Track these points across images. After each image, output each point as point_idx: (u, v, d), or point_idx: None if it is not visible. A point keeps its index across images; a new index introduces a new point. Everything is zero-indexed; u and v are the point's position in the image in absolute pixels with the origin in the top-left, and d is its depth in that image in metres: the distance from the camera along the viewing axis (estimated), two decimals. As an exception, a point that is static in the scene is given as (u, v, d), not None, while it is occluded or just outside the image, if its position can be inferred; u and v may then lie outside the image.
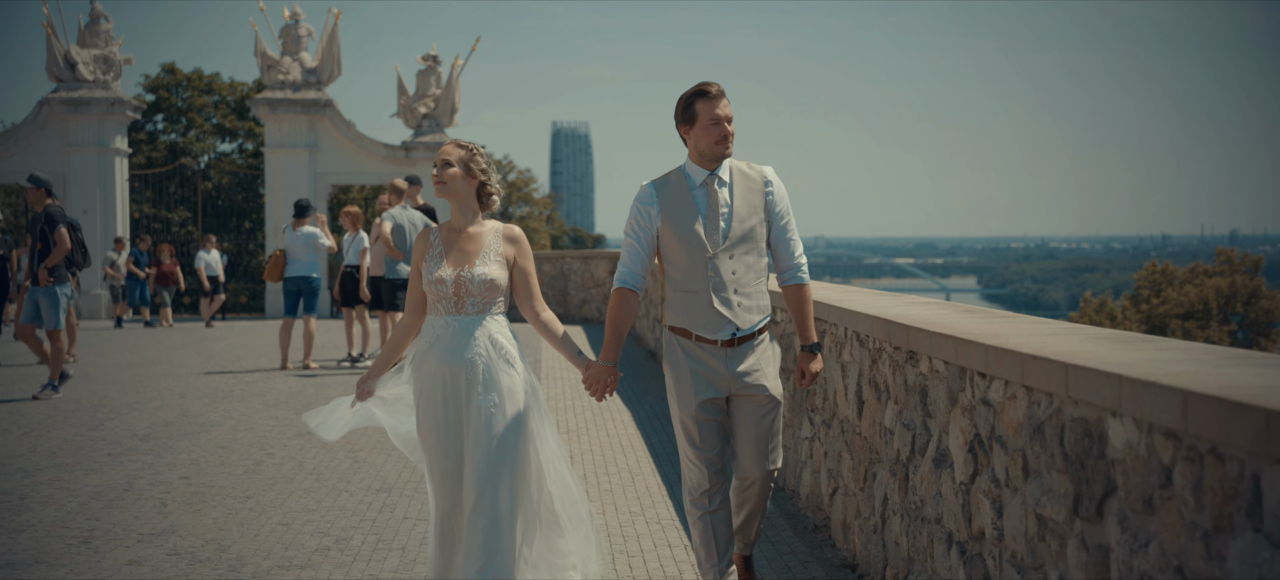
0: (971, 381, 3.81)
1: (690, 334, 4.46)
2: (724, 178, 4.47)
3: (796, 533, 6.00)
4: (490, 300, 4.40)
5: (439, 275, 4.37)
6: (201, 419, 9.69)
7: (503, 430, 4.33)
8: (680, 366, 4.49)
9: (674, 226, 4.42)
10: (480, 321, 4.39)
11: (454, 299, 4.38)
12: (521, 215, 52.83)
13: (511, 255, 4.47)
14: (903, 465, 4.60)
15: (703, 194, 4.45)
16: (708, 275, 4.41)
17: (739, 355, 4.45)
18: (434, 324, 4.44)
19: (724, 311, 4.41)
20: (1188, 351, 3.11)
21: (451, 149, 4.47)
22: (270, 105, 24.03)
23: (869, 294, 6.32)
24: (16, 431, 9.08)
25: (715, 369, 4.45)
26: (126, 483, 7.22)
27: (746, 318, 4.43)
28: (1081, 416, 2.99)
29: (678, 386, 4.52)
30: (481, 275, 4.38)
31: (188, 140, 40.63)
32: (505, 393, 4.35)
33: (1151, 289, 50.59)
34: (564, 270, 21.55)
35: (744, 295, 4.43)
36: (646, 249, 4.48)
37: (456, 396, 4.36)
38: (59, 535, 5.99)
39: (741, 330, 4.43)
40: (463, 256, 4.41)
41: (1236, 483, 2.31)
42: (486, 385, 4.34)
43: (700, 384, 4.46)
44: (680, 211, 4.43)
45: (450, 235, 4.46)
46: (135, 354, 15.32)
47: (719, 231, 4.41)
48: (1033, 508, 3.30)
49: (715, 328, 4.41)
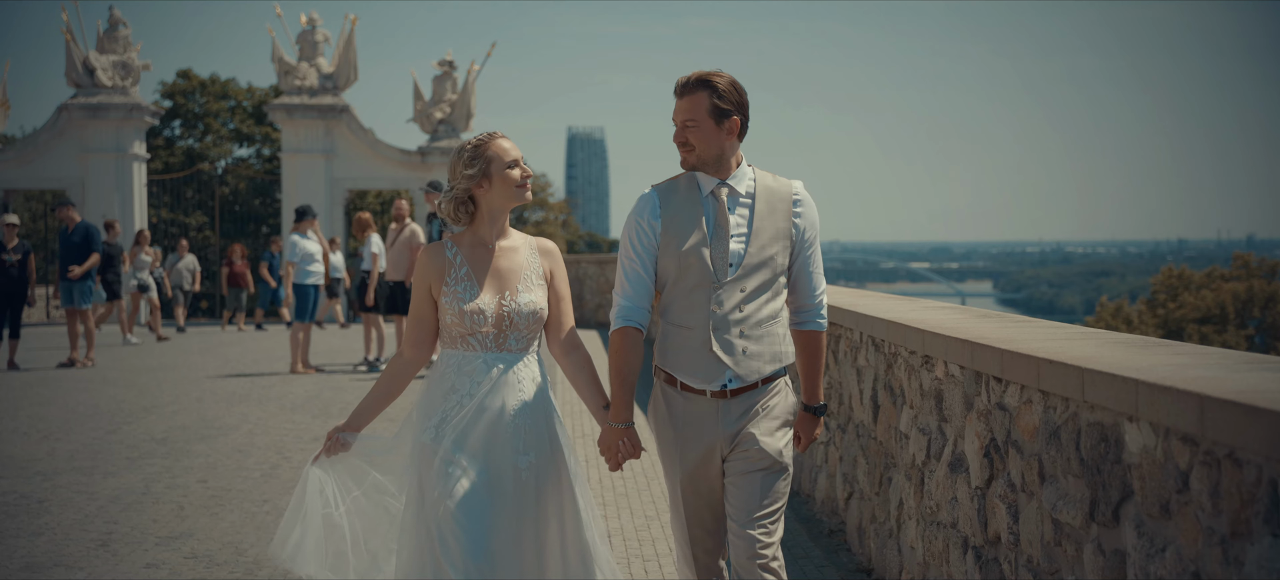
0: (987, 386, 3.80)
1: (676, 382, 3.59)
2: (742, 190, 3.59)
3: (812, 537, 6.00)
4: (534, 334, 3.63)
5: (476, 306, 3.54)
6: (218, 423, 9.73)
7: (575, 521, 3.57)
8: (665, 426, 3.64)
9: (675, 244, 3.55)
10: (522, 362, 3.61)
11: (494, 334, 3.57)
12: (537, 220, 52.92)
13: (549, 274, 3.70)
14: (918, 470, 4.60)
15: (712, 207, 3.57)
16: (708, 309, 3.53)
17: (735, 408, 3.56)
18: (464, 365, 3.58)
19: (723, 356, 3.52)
20: (1205, 356, 3.10)
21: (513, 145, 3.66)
22: (287, 111, 24.12)
23: (884, 298, 6.31)
24: (36, 435, 9.14)
25: (707, 427, 3.57)
26: (144, 486, 7.26)
27: (750, 367, 3.54)
28: (1098, 421, 2.99)
29: (663, 451, 3.68)
30: (530, 305, 3.59)
31: (205, 146, 40.81)
32: (550, 454, 3.60)
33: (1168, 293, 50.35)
34: (579, 275, 21.66)
35: (751, 339, 3.55)
36: (651, 274, 3.59)
37: (499, 465, 3.53)
38: (78, 538, 6.03)
39: (741, 381, 3.54)
40: (500, 280, 3.60)
41: (1254, 487, 2.30)
42: (533, 445, 3.57)
43: (690, 450, 3.59)
44: (683, 226, 3.56)
45: (478, 252, 3.62)
46: (152, 358, 15.39)
47: (728, 256, 3.54)
48: (1049, 512, 3.29)
49: (708, 376, 3.53)
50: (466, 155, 3.60)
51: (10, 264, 13.88)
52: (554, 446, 3.59)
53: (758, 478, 3.54)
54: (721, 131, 3.52)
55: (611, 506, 6.65)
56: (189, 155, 39.30)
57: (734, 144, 3.58)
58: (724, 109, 3.52)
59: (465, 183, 3.59)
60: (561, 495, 3.58)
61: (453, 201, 3.61)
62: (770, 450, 3.55)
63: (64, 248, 14.57)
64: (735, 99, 3.54)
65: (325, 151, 24.18)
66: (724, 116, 3.52)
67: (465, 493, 3.45)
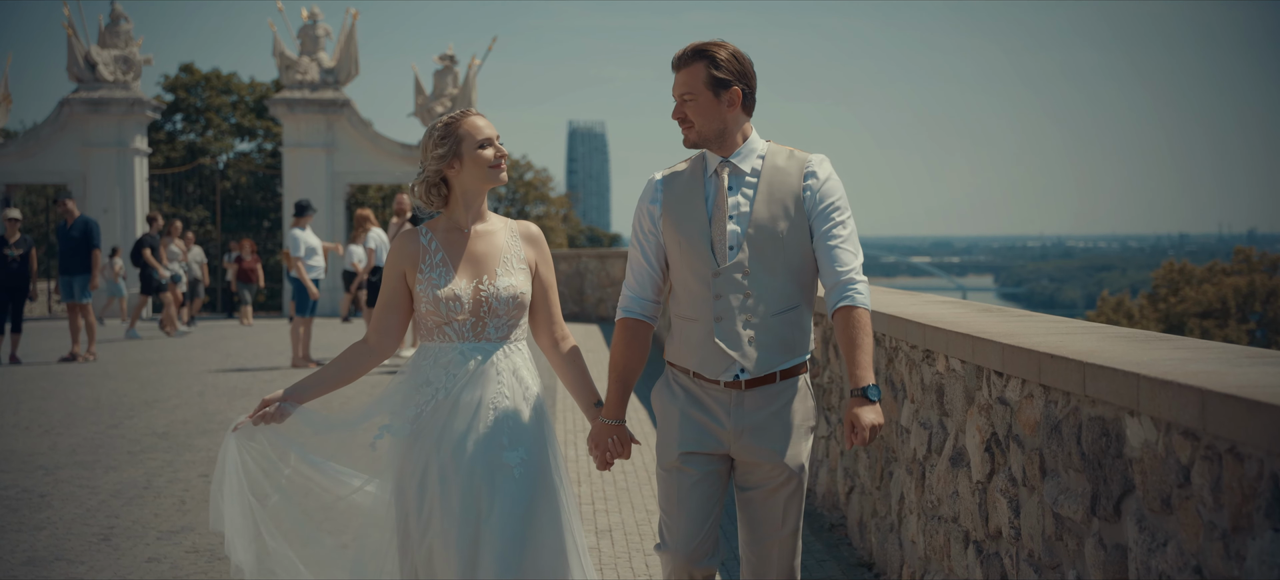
0: (988, 380, 3.80)
1: (689, 370, 3.37)
2: (746, 167, 3.35)
3: (813, 531, 6.00)
4: (516, 322, 3.40)
5: (450, 291, 3.33)
6: (220, 417, 9.74)
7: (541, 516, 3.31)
8: (669, 403, 3.41)
9: (676, 230, 3.35)
10: (502, 351, 3.38)
11: (471, 322, 3.35)
12: (538, 214, 52.93)
13: (533, 261, 3.47)
14: (919, 464, 4.60)
15: (713, 187, 3.35)
16: (710, 299, 3.30)
17: (751, 404, 3.31)
18: (439, 357, 3.36)
19: (728, 349, 3.28)
20: (1206, 350, 3.10)
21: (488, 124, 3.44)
22: (288, 105, 24.13)
23: (885, 292, 6.31)
24: (38, 429, 9.15)
25: (715, 416, 3.33)
26: (146, 480, 7.27)
27: (760, 359, 3.29)
28: (1099, 415, 2.99)
29: (663, 427, 3.43)
30: (509, 289, 3.37)
31: (206, 140, 40.84)
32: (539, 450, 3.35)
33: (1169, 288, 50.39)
34: (580, 269, 21.67)
35: (760, 328, 3.29)
36: (655, 263, 3.40)
37: (470, 464, 3.28)
38: (79, 532, 6.04)
39: (753, 373, 3.30)
40: (477, 264, 3.38)
41: (1255, 482, 2.30)
42: (521, 440, 3.32)
43: (690, 429, 3.35)
44: (684, 211, 3.35)
45: (453, 236, 3.41)
46: (154, 352, 15.41)
47: (727, 238, 3.30)
48: (1050, 507, 3.29)
49: (718, 367, 3.30)
50: (437, 134, 3.39)
51: (12, 259, 13.89)
52: (542, 442, 3.36)
53: (779, 497, 3.33)
54: (721, 104, 3.29)
55: (613, 501, 6.65)
56: (190, 150, 39.31)
57: (738, 117, 3.33)
58: (723, 79, 3.29)
59: (436, 163, 3.38)
60: (548, 495, 3.33)
61: (423, 183, 3.42)
62: (793, 465, 3.32)
63: (63, 243, 14.57)
64: (736, 68, 3.31)
65: (326, 146, 24.19)
66: (723, 88, 3.29)
67: (443, 501, 3.24)
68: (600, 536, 5.85)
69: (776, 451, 3.30)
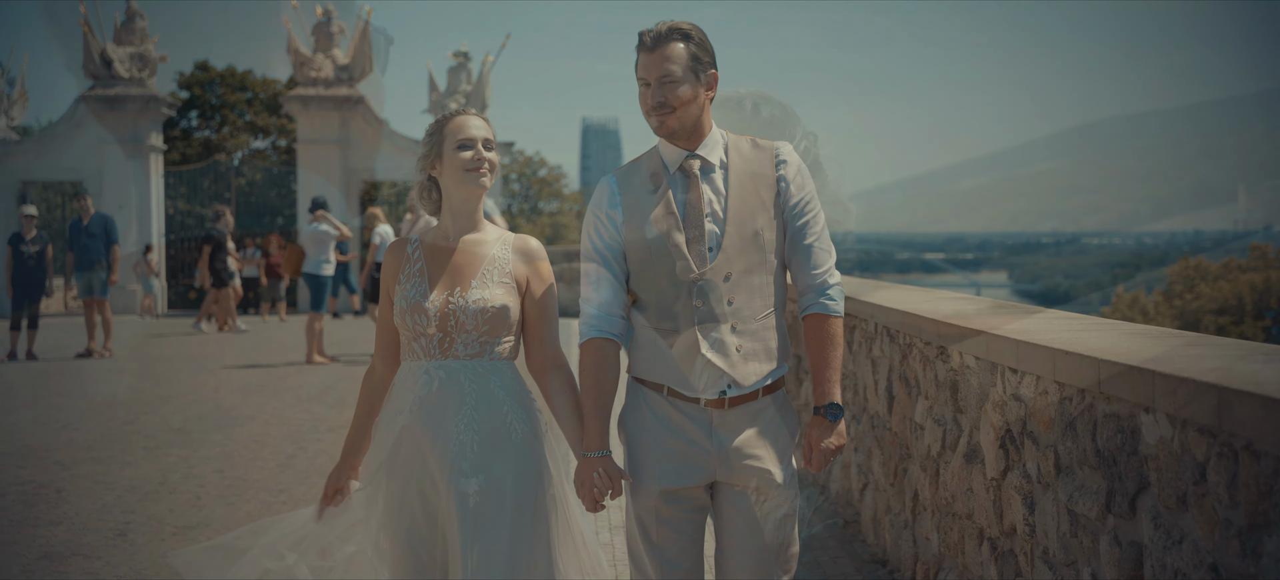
0: (1003, 377, 3.79)
1: (662, 387, 3.05)
2: (712, 159, 3.06)
3: (826, 528, 6.00)
4: (492, 339, 3.08)
5: (417, 303, 3.06)
6: (235, 413, 9.78)
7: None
8: (641, 433, 3.07)
9: (640, 233, 3.03)
10: (472, 369, 3.07)
11: (439, 338, 3.06)
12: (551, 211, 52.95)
13: (524, 278, 3.15)
14: (933, 461, 4.59)
15: (681, 184, 3.06)
16: (691, 304, 2.99)
17: (733, 423, 3.02)
18: (406, 378, 3.11)
19: (716, 359, 2.98)
20: (1222, 347, 3.09)
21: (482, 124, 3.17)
22: (303, 102, 24.19)
23: (899, 289, 6.30)
24: (54, 425, 9.20)
25: (694, 440, 3.02)
26: (161, 476, 7.30)
27: (749, 369, 3.01)
28: (1114, 412, 2.98)
29: (634, 461, 3.08)
30: (479, 301, 3.05)
31: (222, 137, 40.95)
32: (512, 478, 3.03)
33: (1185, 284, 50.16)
34: (593, 266, 21.65)
35: (745, 335, 3.01)
36: (619, 274, 3.07)
37: (435, 494, 3.03)
38: (95, 528, 6.07)
39: (741, 388, 3.02)
40: (454, 276, 3.09)
41: (1272, 479, 2.29)
42: (483, 465, 3.00)
43: (669, 462, 3.03)
44: (647, 211, 3.04)
45: (438, 247, 3.16)
46: (169, 348, 15.47)
47: (706, 239, 3.01)
48: (1065, 504, 3.28)
49: (701, 383, 3.00)
50: (428, 131, 3.18)
51: (29, 256, 13.96)
52: (521, 468, 3.03)
53: (772, 522, 3.05)
54: (701, 88, 3.03)
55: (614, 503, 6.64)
56: (206, 146, 39.43)
57: (708, 105, 3.08)
58: (703, 60, 3.03)
59: (422, 163, 3.17)
60: (520, 526, 2.99)
61: (418, 185, 3.22)
62: (787, 488, 3.05)
63: (80, 239, 14.63)
64: (711, 50, 3.07)
65: (340, 142, 24.25)
66: (703, 70, 3.03)
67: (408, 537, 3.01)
68: (614, 533, 5.85)
69: (768, 471, 3.04)
